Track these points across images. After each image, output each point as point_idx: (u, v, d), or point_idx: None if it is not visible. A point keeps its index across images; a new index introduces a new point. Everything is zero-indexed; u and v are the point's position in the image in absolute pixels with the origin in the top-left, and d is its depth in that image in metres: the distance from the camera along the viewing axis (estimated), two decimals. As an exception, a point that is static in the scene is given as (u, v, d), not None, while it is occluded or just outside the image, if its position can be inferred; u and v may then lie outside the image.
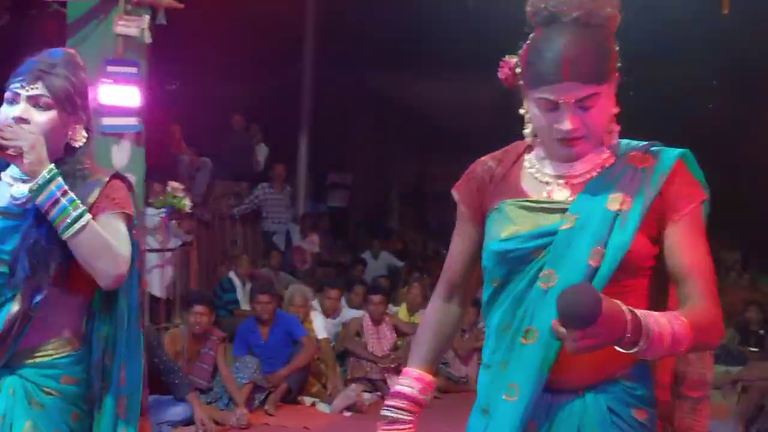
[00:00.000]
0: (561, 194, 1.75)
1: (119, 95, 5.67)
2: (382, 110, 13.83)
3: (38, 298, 1.96)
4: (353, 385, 6.52)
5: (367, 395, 6.61)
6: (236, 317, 7.18)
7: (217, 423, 5.66)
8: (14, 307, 1.96)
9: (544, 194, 1.77)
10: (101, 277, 1.96)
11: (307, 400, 6.54)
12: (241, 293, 7.66)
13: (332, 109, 12.13)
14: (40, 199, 1.93)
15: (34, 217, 1.97)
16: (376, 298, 7.13)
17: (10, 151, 1.93)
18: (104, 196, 2.02)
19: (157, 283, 6.23)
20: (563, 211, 1.72)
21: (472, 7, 10.47)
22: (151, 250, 6.18)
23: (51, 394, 2.01)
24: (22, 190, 2.01)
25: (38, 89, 2.01)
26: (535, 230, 1.72)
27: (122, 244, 1.99)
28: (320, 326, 6.91)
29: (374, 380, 6.80)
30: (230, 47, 10.41)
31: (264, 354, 6.33)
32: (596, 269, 1.66)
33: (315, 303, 7.30)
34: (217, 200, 9.38)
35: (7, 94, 2.03)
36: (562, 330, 1.45)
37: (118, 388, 2.05)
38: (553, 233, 1.70)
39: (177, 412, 5.23)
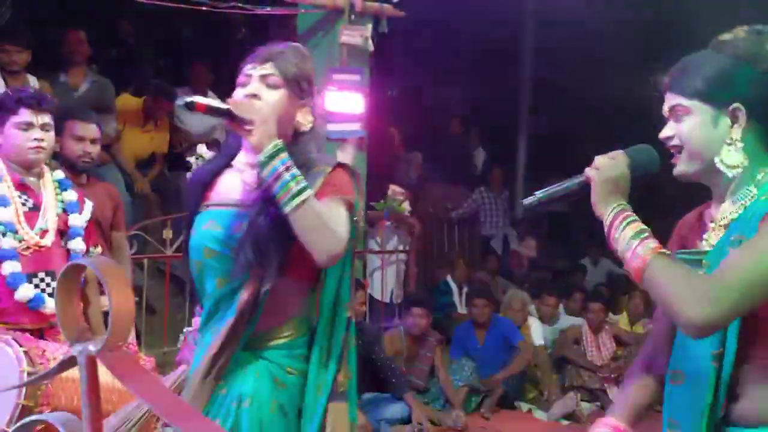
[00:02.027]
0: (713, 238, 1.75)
1: (344, 102, 5.90)
2: (602, 113, 13.43)
3: (267, 285, 1.97)
4: (571, 393, 6.37)
5: (585, 405, 6.43)
6: (453, 320, 7.24)
7: (433, 423, 5.73)
8: (243, 295, 1.98)
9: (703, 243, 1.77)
10: (317, 253, 1.94)
11: (524, 406, 6.47)
12: (458, 297, 7.71)
13: (552, 112, 11.93)
14: (265, 173, 1.94)
15: (259, 207, 1.99)
16: (595, 305, 6.93)
17: (246, 127, 1.96)
18: (326, 183, 2.03)
19: (378, 285, 6.40)
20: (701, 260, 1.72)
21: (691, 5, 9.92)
22: (371, 252, 6.37)
23: (292, 373, 2.04)
24: (252, 176, 2.06)
25: (268, 69, 2.07)
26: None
27: (340, 225, 1.97)
28: (537, 332, 6.82)
29: (593, 389, 6.61)
30: (448, 51, 10.53)
31: (480, 357, 6.34)
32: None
33: (532, 309, 7.21)
34: (435, 204, 9.49)
35: (240, 78, 2.10)
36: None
37: (338, 367, 2.07)
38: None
39: (395, 410, 5.34)
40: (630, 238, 1.68)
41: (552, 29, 11.08)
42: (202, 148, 2.32)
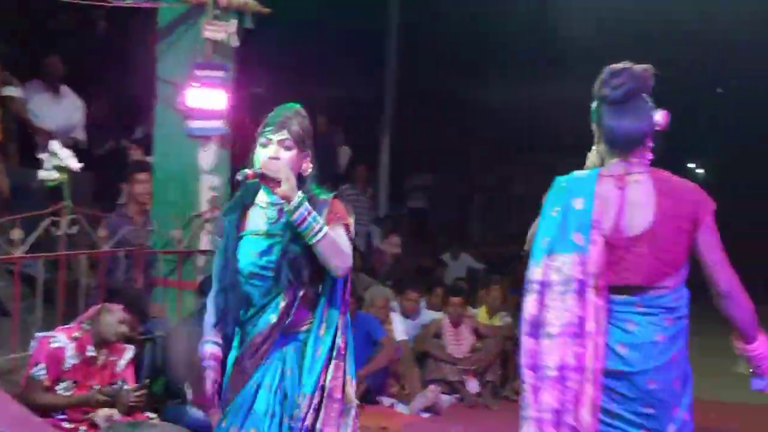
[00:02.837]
0: None
1: (207, 99, 5.81)
2: (464, 112, 13.79)
3: (300, 294, 2.77)
4: (431, 387, 6.54)
5: (445, 397, 6.61)
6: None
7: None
8: (282, 303, 2.78)
9: None
10: (334, 270, 2.74)
11: (386, 400, 6.58)
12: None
13: (414, 111, 12.16)
14: (294, 217, 2.68)
15: (291, 236, 2.74)
16: (455, 299, 7.13)
17: (272, 182, 2.69)
18: (330, 212, 2.80)
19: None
20: None
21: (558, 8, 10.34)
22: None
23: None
24: (274, 212, 2.83)
25: (284, 135, 2.79)
26: None
27: (346, 247, 2.78)
28: (399, 328, 6.95)
29: (452, 382, 6.80)
30: (314, 50, 10.54)
31: (344, 354, 6.38)
32: None
33: (395, 304, 7.34)
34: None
35: (262, 140, 2.81)
36: None
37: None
38: None
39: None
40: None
41: (417, 30, 11.29)
42: (54, 145, 2.29)
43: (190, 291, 5.70)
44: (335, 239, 2.73)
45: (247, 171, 2.75)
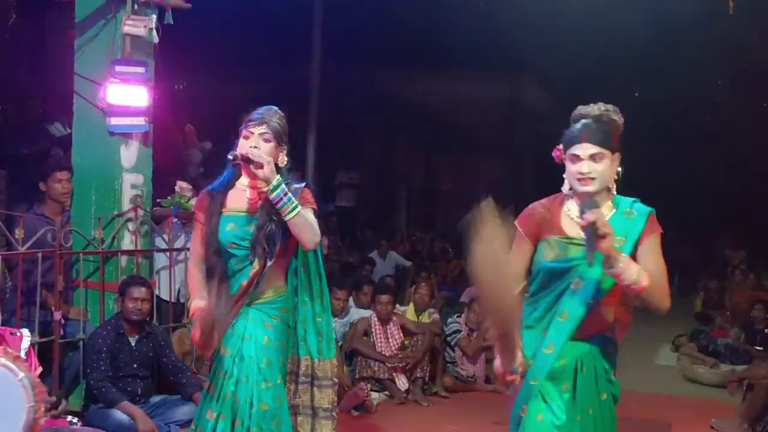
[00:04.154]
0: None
1: (127, 95, 5.66)
2: (390, 109, 13.82)
3: (269, 263, 3.28)
4: (361, 384, 6.52)
5: (374, 394, 6.60)
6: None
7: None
8: (253, 269, 3.29)
9: (576, 233, 2.86)
10: (307, 243, 3.30)
11: (315, 399, 6.53)
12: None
13: (340, 108, 12.12)
14: (273, 195, 3.20)
15: (266, 215, 3.26)
16: (383, 297, 7.13)
17: (256, 165, 3.19)
18: (301, 198, 3.30)
19: (165, 284, 6.23)
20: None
21: (481, 6, 10.43)
22: (159, 251, 6.18)
23: (275, 318, 3.38)
24: (254, 194, 3.33)
25: (264, 129, 3.29)
26: (569, 256, 2.87)
27: (316, 225, 3.31)
28: (328, 326, 6.91)
29: (382, 379, 6.80)
30: (236, 46, 10.41)
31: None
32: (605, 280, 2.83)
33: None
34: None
35: (245, 133, 3.30)
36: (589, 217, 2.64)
37: (324, 311, 3.55)
38: (581, 258, 2.82)
39: (184, 411, 5.21)
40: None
41: (342, 25, 11.25)
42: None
43: (112, 292, 5.56)
44: (307, 217, 3.26)
45: (236, 152, 3.24)
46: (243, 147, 3.26)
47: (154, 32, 5.77)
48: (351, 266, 9.78)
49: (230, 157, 3.24)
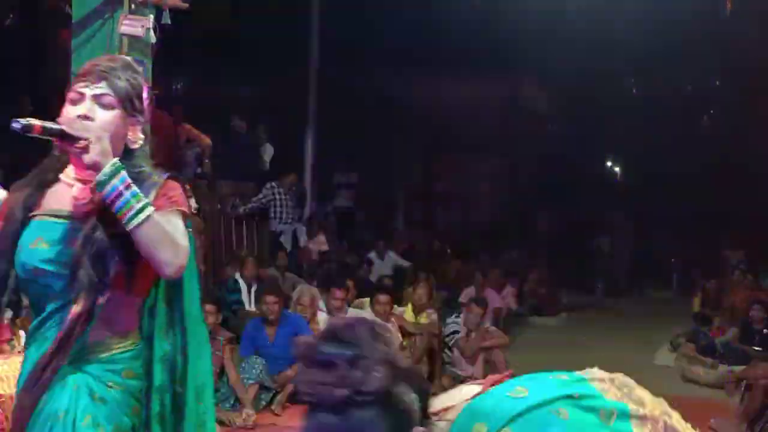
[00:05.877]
0: None
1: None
2: (389, 110, 13.82)
3: (101, 300, 2.02)
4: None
5: (373, 396, 6.58)
6: (240, 318, 7.17)
7: (223, 424, 5.65)
8: (76, 308, 2.02)
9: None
10: (164, 266, 2.00)
11: (313, 400, 6.51)
12: (246, 294, 7.65)
13: (338, 109, 12.11)
14: (104, 190, 1.97)
15: (95, 222, 2.03)
16: (382, 298, 7.11)
17: (77, 144, 1.98)
18: (161, 195, 2.09)
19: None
20: None
21: (479, 7, 10.43)
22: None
23: (113, 387, 2.08)
24: (84, 191, 2.08)
25: (103, 88, 2.07)
26: None
27: (181, 238, 2.04)
28: (326, 326, 6.89)
29: (380, 380, 6.78)
30: (236, 47, 10.40)
31: (271, 354, 6.32)
32: None
33: (321, 303, 7.29)
34: (223, 200, 9.36)
35: (72, 95, 2.08)
36: None
37: (195, 379, 2.16)
38: None
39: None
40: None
41: (340, 27, 11.25)
42: None
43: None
44: (164, 225, 2.00)
45: (32, 121, 1.94)
46: (67, 116, 2.06)
47: (152, 32, 5.76)
48: (349, 266, 9.77)
49: (16, 126, 1.94)
